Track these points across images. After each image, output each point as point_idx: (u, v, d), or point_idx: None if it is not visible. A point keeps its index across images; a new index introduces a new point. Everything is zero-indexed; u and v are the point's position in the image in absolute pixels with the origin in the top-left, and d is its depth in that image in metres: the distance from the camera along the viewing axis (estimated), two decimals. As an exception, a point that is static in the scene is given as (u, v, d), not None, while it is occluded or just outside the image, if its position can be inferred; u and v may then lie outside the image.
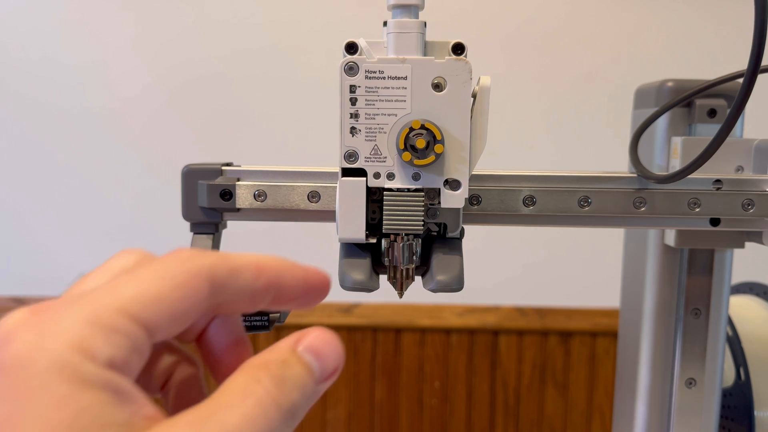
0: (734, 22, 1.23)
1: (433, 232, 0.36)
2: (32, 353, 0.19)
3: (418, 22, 0.33)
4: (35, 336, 0.19)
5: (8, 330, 0.20)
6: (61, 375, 0.19)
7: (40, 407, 0.18)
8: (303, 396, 0.22)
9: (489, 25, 1.27)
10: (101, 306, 0.20)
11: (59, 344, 0.19)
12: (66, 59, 1.31)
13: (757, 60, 0.30)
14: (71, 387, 0.19)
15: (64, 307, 0.20)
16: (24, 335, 0.19)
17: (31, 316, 0.20)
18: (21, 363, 0.19)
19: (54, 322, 0.20)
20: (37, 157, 1.34)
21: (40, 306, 0.20)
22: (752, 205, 0.40)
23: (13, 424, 0.18)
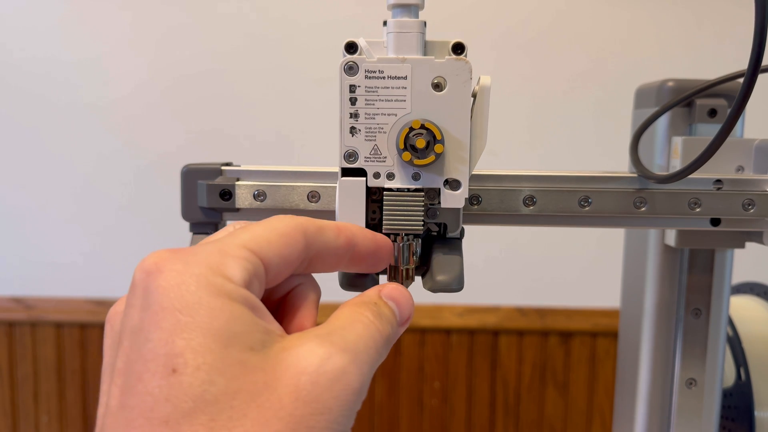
0: (734, 21, 1.23)
1: (433, 232, 0.36)
2: (183, 278, 0.22)
3: (418, 21, 0.33)
4: (182, 265, 0.23)
5: (155, 262, 0.23)
6: (210, 292, 0.22)
7: (198, 318, 0.21)
8: (392, 331, 0.27)
9: (489, 25, 1.27)
10: (226, 244, 0.24)
11: (203, 269, 0.22)
12: (64, 58, 1.31)
13: (758, 60, 0.30)
14: (221, 300, 0.22)
15: (196, 247, 0.24)
16: (172, 265, 0.23)
17: (172, 252, 0.23)
18: (174, 286, 0.22)
19: (193, 255, 0.23)
20: (37, 157, 1.34)
21: (177, 248, 0.24)
22: (753, 205, 0.40)
23: (179, 333, 0.21)
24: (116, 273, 1.33)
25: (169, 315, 0.21)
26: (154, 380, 0.21)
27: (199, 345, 0.21)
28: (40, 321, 1.36)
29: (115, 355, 0.23)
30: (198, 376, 0.21)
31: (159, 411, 0.21)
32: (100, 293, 1.33)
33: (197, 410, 0.21)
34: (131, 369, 0.22)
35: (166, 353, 0.21)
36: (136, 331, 0.22)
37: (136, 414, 0.21)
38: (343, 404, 0.22)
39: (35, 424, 1.39)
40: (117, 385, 0.22)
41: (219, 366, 0.21)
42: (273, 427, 0.21)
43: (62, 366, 1.38)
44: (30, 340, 1.38)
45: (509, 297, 1.32)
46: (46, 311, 1.36)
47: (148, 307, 0.22)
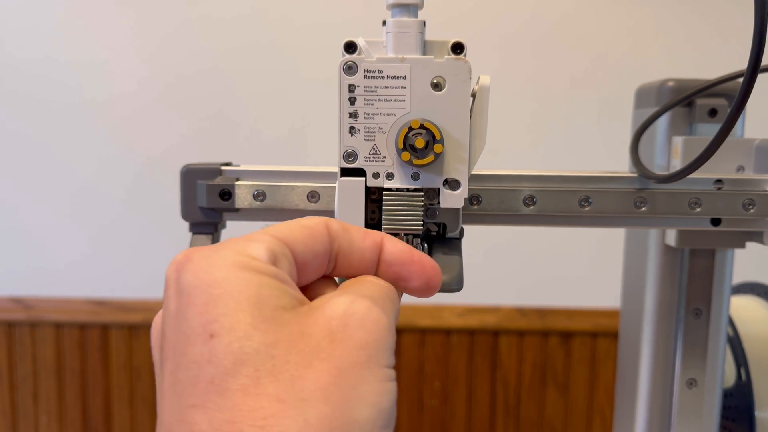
0: (734, 21, 1.23)
1: (433, 232, 0.36)
2: (210, 260, 0.23)
3: (417, 21, 0.33)
4: (209, 251, 0.24)
5: (185, 254, 0.24)
6: (236, 267, 0.23)
7: (228, 288, 0.23)
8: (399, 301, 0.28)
9: (489, 25, 1.27)
10: (250, 235, 0.25)
11: (229, 252, 0.24)
12: (63, 56, 1.31)
13: (757, 59, 0.30)
14: (249, 273, 0.23)
15: (221, 243, 0.25)
16: (200, 254, 0.24)
17: (197, 249, 0.24)
18: (203, 269, 0.23)
19: (219, 245, 0.24)
20: (36, 157, 1.34)
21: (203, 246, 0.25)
22: (753, 204, 0.40)
23: (212, 304, 0.22)
24: (116, 273, 1.33)
25: (200, 292, 0.23)
26: (196, 349, 0.22)
27: (232, 310, 0.22)
28: (39, 321, 1.36)
29: (161, 347, 0.24)
30: (235, 335, 0.22)
31: (204, 374, 0.21)
32: (100, 293, 1.33)
33: (239, 364, 0.21)
34: (175, 349, 0.23)
35: (203, 323, 0.22)
36: (174, 317, 0.23)
37: (185, 384, 0.22)
38: (378, 338, 0.24)
39: (35, 425, 1.39)
40: (166, 369, 0.23)
41: (253, 323, 0.22)
42: (317, 368, 0.22)
43: (62, 366, 1.38)
44: (29, 340, 1.37)
45: (509, 297, 1.32)
46: (45, 311, 1.36)
47: (181, 292, 0.23)
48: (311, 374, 0.22)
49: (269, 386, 0.21)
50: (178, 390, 0.22)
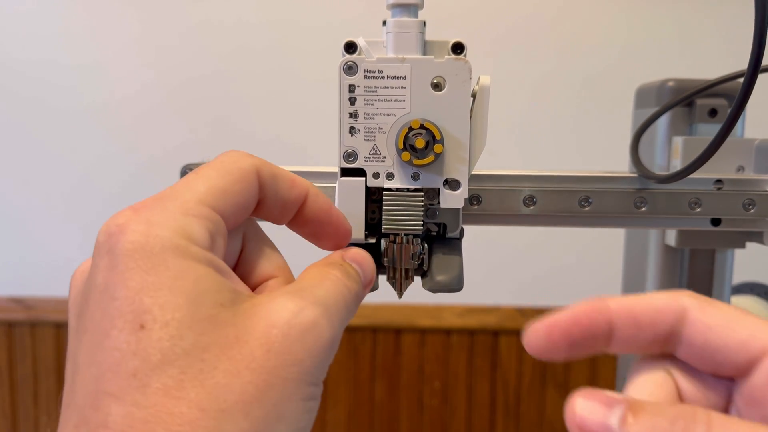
0: (735, 21, 1.23)
1: (433, 233, 0.36)
2: (147, 239, 0.22)
3: (417, 21, 0.33)
4: (145, 226, 0.22)
5: (119, 224, 0.23)
6: (175, 254, 0.22)
7: (164, 278, 0.21)
8: (359, 289, 0.27)
9: (488, 25, 1.27)
10: (185, 201, 0.24)
11: (166, 232, 0.22)
12: (65, 58, 1.31)
13: (758, 59, 0.30)
14: (186, 262, 0.22)
15: (157, 203, 0.23)
16: (135, 226, 0.22)
17: (134, 212, 0.23)
18: (139, 247, 0.22)
19: (156, 215, 0.23)
20: (37, 157, 1.34)
21: (138, 204, 0.24)
22: (753, 205, 0.40)
23: (146, 292, 0.21)
24: (116, 273, 1.33)
25: (135, 275, 0.21)
26: (122, 336, 0.21)
27: (167, 302, 0.21)
28: (39, 321, 1.36)
29: (80, 314, 0.23)
30: (167, 331, 0.21)
31: (127, 364, 0.20)
32: (100, 293, 1.33)
33: (166, 363, 0.20)
34: (98, 327, 0.21)
35: (133, 310, 0.21)
36: (102, 290, 0.22)
37: (105, 369, 0.21)
38: (315, 356, 0.23)
39: (35, 425, 1.39)
40: (84, 342, 0.22)
41: (188, 321, 0.21)
42: (245, 378, 0.21)
43: (62, 366, 1.37)
44: (30, 340, 1.37)
45: (509, 297, 1.32)
46: (45, 311, 1.36)
47: (113, 267, 0.22)
48: (237, 384, 0.21)
49: (192, 391, 0.20)
50: (96, 372, 0.21)
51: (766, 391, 0.22)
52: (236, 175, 0.25)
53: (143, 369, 0.20)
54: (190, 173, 0.25)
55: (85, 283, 0.23)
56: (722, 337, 0.22)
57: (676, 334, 0.23)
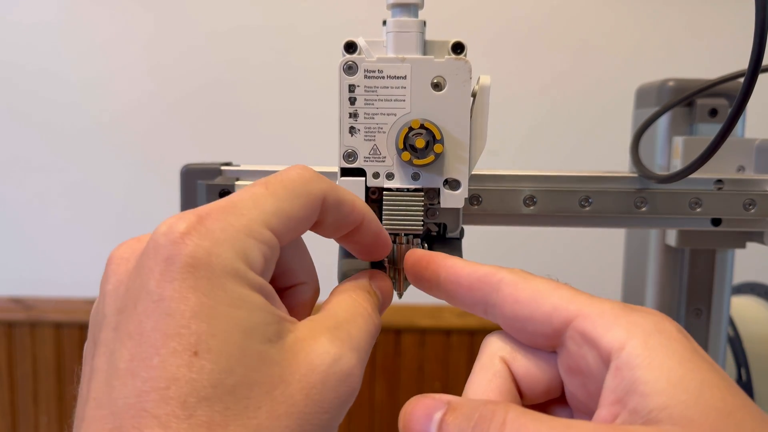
0: (735, 21, 1.23)
1: (433, 233, 0.36)
2: (210, 258, 0.22)
3: (417, 21, 0.33)
4: (209, 243, 0.22)
5: (182, 232, 0.22)
6: (234, 280, 0.22)
7: (222, 306, 0.21)
8: (379, 320, 0.28)
9: (490, 24, 1.27)
10: (251, 219, 0.23)
11: (229, 253, 0.22)
12: (68, 62, 1.31)
13: (758, 59, 0.30)
14: (243, 290, 0.22)
15: (222, 216, 0.23)
16: (199, 241, 0.22)
17: (199, 222, 0.22)
18: (201, 265, 0.21)
19: (220, 231, 0.22)
20: (36, 157, 1.34)
21: (203, 211, 0.23)
22: (753, 205, 0.40)
23: (203, 316, 0.21)
24: (116, 273, 1.33)
25: (192, 295, 0.21)
26: (173, 358, 0.20)
27: (221, 332, 0.21)
28: (39, 321, 1.36)
29: (122, 311, 0.22)
30: (219, 363, 0.21)
31: (176, 390, 0.20)
32: (100, 294, 1.33)
33: (215, 397, 0.20)
34: (147, 338, 0.21)
35: (190, 333, 0.21)
36: (155, 300, 0.21)
37: (150, 387, 0.20)
38: (344, 404, 0.23)
39: (35, 425, 1.39)
40: (128, 347, 0.21)
41: (239, 356, 0.21)
42: (284, 423, 0.21)
43: (62, 366, 1.37)
44: (29, 340, 1.37)
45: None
46: (45, 311, 1.36)
47: (170, 279, 0.21)
48: (278, 428, 0.21)
49: (235, 429, 0.20)
50: (141, 387, 0.20)
51: (578, 359, 0.23)
52: (303, 201, 0.25)
53: (192, 399, 0.20)
54: (259, 184, 0.25)
55: (131, 279, 0.23)
56: (529, 310, 0.25)
57: (491, 304, 0.26)
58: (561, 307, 0.24)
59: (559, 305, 0.24)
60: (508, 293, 0.26)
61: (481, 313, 0.27)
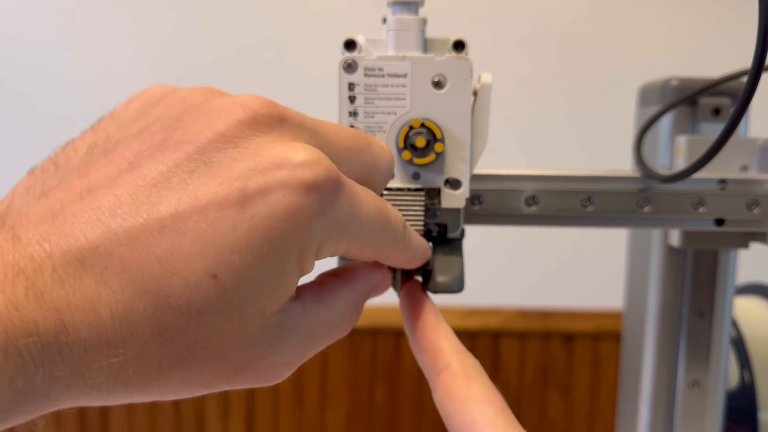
0: (739, 19, 1.23)
1: (434, 233, 0.36)
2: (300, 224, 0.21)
3: (418, 19, 0.33)
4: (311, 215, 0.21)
5: (314, 172, 0.21)
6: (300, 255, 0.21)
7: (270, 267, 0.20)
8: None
9: (491, 23, 1.27)
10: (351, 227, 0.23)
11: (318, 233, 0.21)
12: (64, 57, 1.31)
13: (761, 58, 0.29)
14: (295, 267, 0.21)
15: (343, 200, 0.22)
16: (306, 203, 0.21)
17: (326, 182, 0.21)
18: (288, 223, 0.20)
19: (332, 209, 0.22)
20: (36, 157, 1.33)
21: (332, 172, 0.22)
22: (757, 205, 0.40)
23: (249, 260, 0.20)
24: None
25: (263, 234, 0.20)
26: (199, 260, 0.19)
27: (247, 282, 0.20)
28: (39, 323, 1.36)
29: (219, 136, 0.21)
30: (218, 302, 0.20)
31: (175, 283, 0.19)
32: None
33: (189, 317, 0.19)
34: (210, 208, 0.19)
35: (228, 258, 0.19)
36: (241, 189, 0.20)
37: (164, 260, 0.19)
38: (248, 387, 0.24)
39: (34, 425, 1.38)
40: (189, 193, 0.20)
41: (234, 310, 0.20)
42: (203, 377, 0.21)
43: (62, 368, 1.37)
44: (30, 342, 1.37)
45: (510, 299, 1.32)
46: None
47: (265, 200, 0.20)
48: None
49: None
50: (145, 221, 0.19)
51: None
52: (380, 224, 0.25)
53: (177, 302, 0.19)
54: (376, 202, 0.25)
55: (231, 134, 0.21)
56: (453, 409, 0.26)
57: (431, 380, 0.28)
58: (477, 425, 0.25)
59: (477, 422, 0.25)
60: (444, 382, 0.26)
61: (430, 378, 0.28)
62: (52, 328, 0.17)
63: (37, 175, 0.22)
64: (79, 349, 0.18)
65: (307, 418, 1.33)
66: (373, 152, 0.26)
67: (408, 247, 0.27)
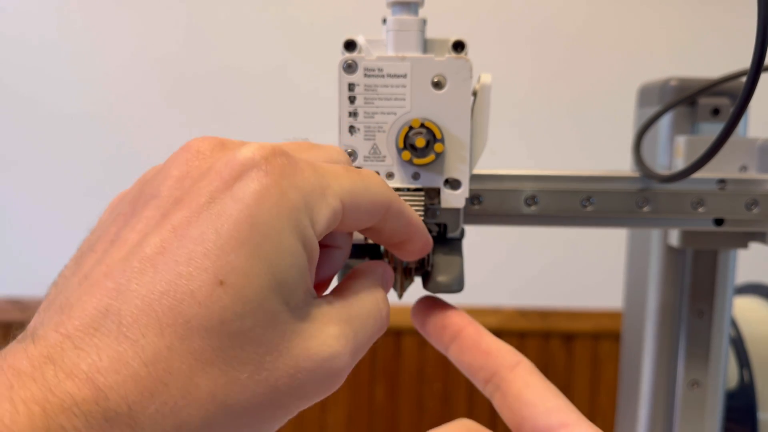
0: (738, 20, 1.23)
1: (433, 233, 0.36)
2: (279, 199, 0.21)
3: (417, 19, 0.33)
4: (287, 181, 0.22)
5: (261, 160, 0.22)
6: (293, 231, 0.21)
7: (268, 248, 0.21)
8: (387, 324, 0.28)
9: (491, 23, 1.27)
10: (329, 184, 0.23)
11: (299, 201, 0.22)
12: (64, 58, 1.31)
13: (761, 58, 0.29)
14: (296, 244, 0.22)
15: (307, 165, 0.23)
16: (274, 177, 0.22)
17: (286, 155, 0.22)
18: (271, 196, 0.21)
19: (299, 175, 0.22)
20: (35, 157, 1.33)
21: (278, 150, 0.22)
22: (756, 205, 0.40)
23: (247, 249, 0.20)
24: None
25: (248, 224, 0.21)
26: (200, 275, 0.20)
27: (255, 274, 0.20)
28: (39, 323, 1.36)
29: (178, 197, 0.22)
30: (236, 304, 0.20)
31: (188, 307, 0.19)
32: (100, 295, 1.33)
33: (215, 332, 0.20)
34: (187, 241, 0.20)
35: (227, 261, 0.20)
36: (214, 211, 0.21)
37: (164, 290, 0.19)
38: (317, 397, 0.23)
39: None
40: (164, 238, 0.20)
41: (256, 306, 0.20)
42: (259, 389, 0.21)
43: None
44: (30, 342, 1.37)
45: (510, 298, 1.32)
46: (45, 313, 1.35)
47: (238, 199, 0.21)
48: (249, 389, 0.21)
49: (214, 371, 0.20)
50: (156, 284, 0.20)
51: None
52: (373, 198, 0.25)
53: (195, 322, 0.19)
54: (339, 163, 0.26)
55: (201, 177, 0.22)
56: (535, 397, 0.27)
57: (501, 376, 0.28)
58: (562, 412, 0.26)
59: (561, 409, 0.26)
60: (521, 376, 0.27)
61: (480, 382, 0.29)
62: (89, 396, 0.18)
63: (44, 302, 0.24)
64: (123, 408, 0.18)
65: (307, 418, 1.34)
66: (322, 147, 0.27)
67: (403, 212, 0.27)
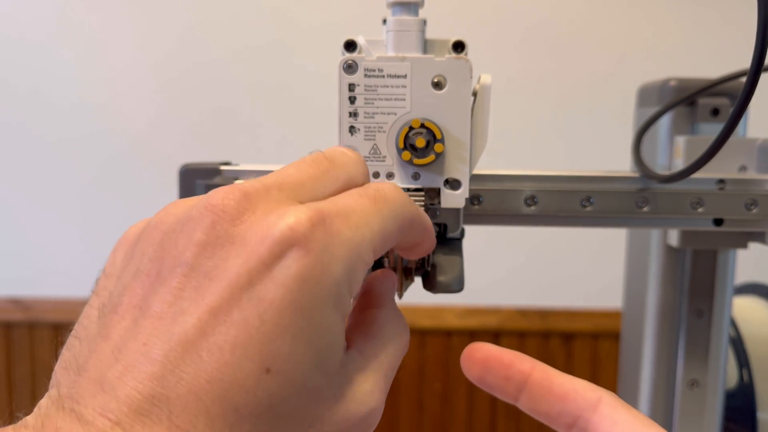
0: (738, 20, 1.23)
1: (433, 233, 0.36)
2: (323, 275, 0.21)
3: (417, 20, 0.33)
4: (328, 257, 0.21)
5: (305, 234, 0.21)
6: (334, 305, 0.21)
7: (313, 328, 0.21)
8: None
9: (491, 23, 1.27)
10: (363, 239, 0.23)
11: (340, 274, 0.21)
12: (65, 57, 1.31)
13: (760, 58, 0.30)
14: (336, 318, 0.22)
15: (338, 226, 0.22)
16: (308, 259, 0.21)
17: (322, 225, 0.21)
18: (312, 279, 0.21)
19: (338, 246, 0.22)
20: (36, 157, 1.33)
21: (323, 213, 0.22)
22: (755, 205, 0.40)
23: (292, 334, 0.20)
24: (116, 274, 1.32)
25: (291, 309, 0.20)
26: (247, 364, 0.20)
27: (299, 359, 0.20)
28: (37, 322, 1.36)
29: (208, 271, 0.21)
30: (283, 389, 0.20)
31: (236, 395, 0.19)
32: (100, 294, 1.32)
33: (264, 417, 0.20)
34: (230, 313, 0.20)
35: (273, 349, 0.20)
36: (248, 283, 0.20)
37: (212, 378, 0.19)
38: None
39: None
40: (202, 308, 0.20)
41: (300, 387, 0.21)
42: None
43: (61, 367, 1.37)
44: (28, 341, 1.37)
45: (510, 298, 1.32)
46: (43, 312, 1.35)
47: (273, 279, 0.20)
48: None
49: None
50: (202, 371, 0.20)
51: None
52: (399, 223, 0.25)
53: (245, 410, 0.20)
54: (363, 196, 0.24)
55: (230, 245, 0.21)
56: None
57: (585, 419, 0.25)
58: None
59: None
60: (606, 414, 0.25)
61: (563, 427, 0.26)
62: None
63: (67, 354, 0.22)
64: None
65: (306, 417, 1.34)
66: (339, 165, 0.26)
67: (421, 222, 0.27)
